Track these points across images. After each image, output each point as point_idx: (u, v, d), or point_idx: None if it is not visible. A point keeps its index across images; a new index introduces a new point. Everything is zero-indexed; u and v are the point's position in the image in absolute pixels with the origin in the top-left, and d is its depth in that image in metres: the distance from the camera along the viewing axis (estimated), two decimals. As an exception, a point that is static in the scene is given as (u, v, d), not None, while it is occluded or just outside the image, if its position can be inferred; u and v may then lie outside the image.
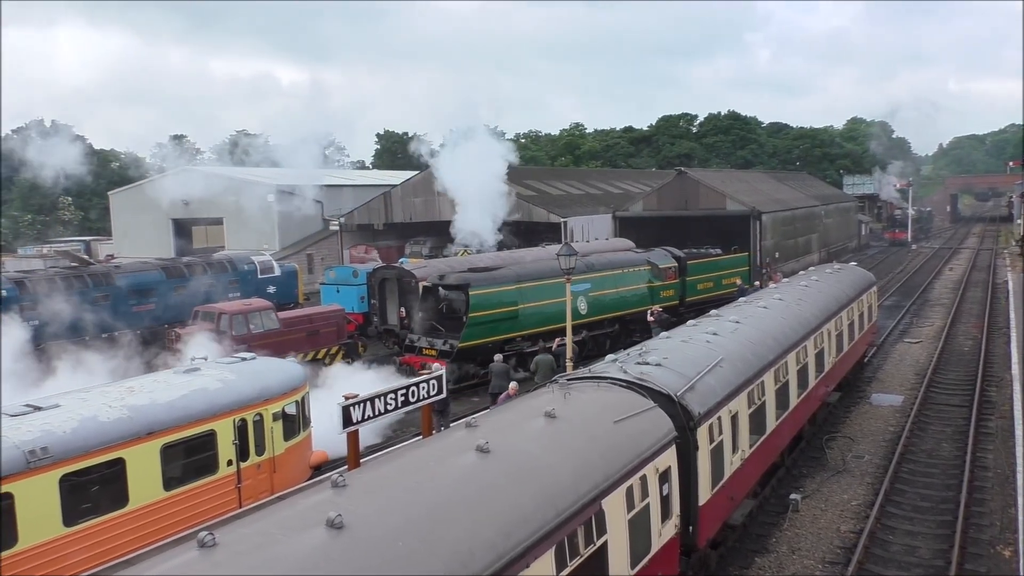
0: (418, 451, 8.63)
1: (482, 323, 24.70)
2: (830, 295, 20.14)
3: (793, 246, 52.62)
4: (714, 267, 34.79)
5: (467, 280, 25.23)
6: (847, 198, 79.48)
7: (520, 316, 25.82)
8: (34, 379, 18.07)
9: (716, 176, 55.90)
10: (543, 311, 26.41)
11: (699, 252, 36.43)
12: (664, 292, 31.02)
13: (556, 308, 26.48)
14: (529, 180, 55.81)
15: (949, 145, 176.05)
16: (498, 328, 25.22)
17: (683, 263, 32.49)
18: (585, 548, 7.94)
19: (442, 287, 25.63)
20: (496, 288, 25.41)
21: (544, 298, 26.46)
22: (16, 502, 10.02)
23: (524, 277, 26.43)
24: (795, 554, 13.32)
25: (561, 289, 26.82)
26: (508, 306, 25.57)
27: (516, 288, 25.88)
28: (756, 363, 13.53)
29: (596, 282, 28.37)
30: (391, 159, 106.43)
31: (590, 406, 9.97)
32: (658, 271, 30.99)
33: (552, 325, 26.23)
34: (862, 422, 20.27)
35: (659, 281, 30.89)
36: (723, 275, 34.80)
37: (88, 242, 62.78)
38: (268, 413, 13.56)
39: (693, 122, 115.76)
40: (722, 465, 11.70)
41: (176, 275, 31.63)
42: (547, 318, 26.34)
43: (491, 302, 25.11)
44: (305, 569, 5.74)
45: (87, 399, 11.77)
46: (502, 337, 25.30)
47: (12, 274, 30.55)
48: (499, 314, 25.24)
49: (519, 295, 25.90)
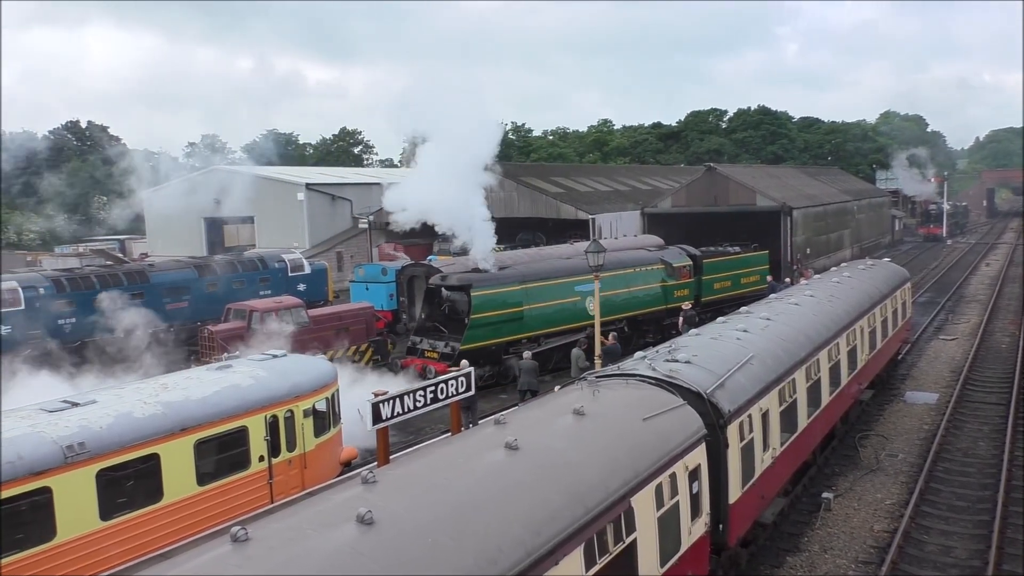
0: (447, 448, 8.66)
1: (485, 325, 23.93)
2: (863, 291, 19.86)
3: (825, 242, 52.00)
4: (732, 265, 33.39)
5: (469, 280, 24.42)
6: (880, 193, 78.35)
7: (525, 317, 25.09)
8: (70, 375, 18.44)
9: (746, 172, 55.39)
10: (550, 312, 25.70)
11: (716, 250, 35.10)
12: (678, 292, 30.05)
13: (563, 309, 26.08)
14: (557, 177, 55.72)
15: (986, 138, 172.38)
16: (502, 330, 24.45)
17: (698, 262, 31.39)
18: (614, 546, 7.92)
19: (444, 287, 24.89)
20: (500, 289, 24.66)
21: (551, 299, 25.76)
22: (54, 496, 10.22)
23: (530, 277, 25.65)
24: (827, 553, 13.17)
25: (568, 289, 26.54)
26: (512, 307, 24.82)
27: (521, 288, 25.14)
28: (787, 360, 13.39)
29: (605, 281, 26.85)
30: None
31: (619, 403, 9.94)
32: (672, 270, 30.01)
33: (559, 326, 25.58)
34: (896, 420, 19.99)
35: (673, 280, 29.90)
36: (741, 274, 33.52)
37: (122, 241, 63.78)
38: (299, 410, 13.69)
39: (722, 117, 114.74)
40: (752, 463, 11.60)
41: (208, 273, 32.06)
42: (554, 319, 25.71)
43: (495, 303, 24.35)
44: (336, 564, 5.80)
45: (122, 395, 11.97)
46: (506, 339, 24.58)
47: (49, 272, 31.14)
48: (503, 315, 24.47)
49: (524, 296, 25.14)
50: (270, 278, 33.52)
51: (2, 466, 9.73)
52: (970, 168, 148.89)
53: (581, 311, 26.48)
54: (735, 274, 33.25)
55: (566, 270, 26.87)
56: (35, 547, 10.05)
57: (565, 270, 26.86)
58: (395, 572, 5.87)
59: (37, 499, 10.09)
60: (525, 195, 49.04)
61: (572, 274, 26.61)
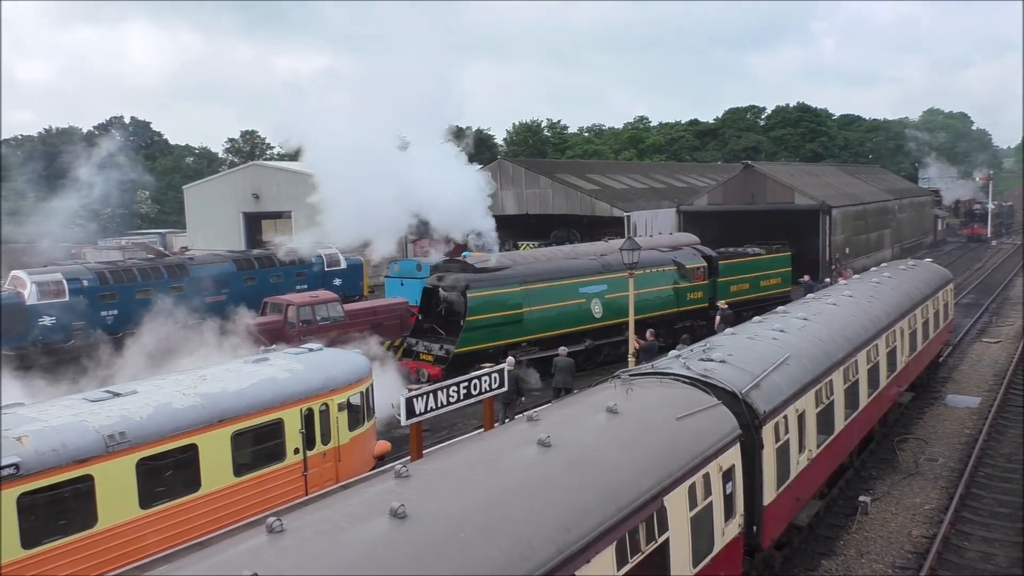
0: (480, 444, 8.69)
1: (481, 327, 23.03)
2: (903, 292, 19.52)
3: (864, 241, 51.17)
4: (750, 267, 31.72)
5: (466, 281, 23.66)
6: (922, 192, 76.86)
7: (526, 320, 24.15)
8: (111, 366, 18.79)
9: (784, 170, 54.69)
10: (552, 314, 24.74)
11: (734, 251, 33.89)
12: (692, 294, 28.84)
13: (567, 311, 25.08)
14: (592, 174, 55.56)
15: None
16: (500, 333, 23.54)
17: (714, 263, 29.96)
18: (646, 545, 7.89)
19: (442, 288, 24.10)
20: (498, 290, 23.77)
21: (553, 300, 24.81)
22: (96, 484, 10.45)
23: (531, 278, 24.68)
24: (863, 558, 12.98)
25: (572, 291, 25.52)
26: (511, 309, 23.88)
27: (522, 290, 24.20)
28: (824, 361, 13.21)
29: (613, 283, 26.19)
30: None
31: (653, 402, 9.89)
32: (685, 271, 28.65)
33: (562, 329, 24.66)
34: (936, 424, 19.61)
35: (686, 282, 28.54)
36: (761, 276, 31.78)
37: (164, 235, 64.97)
38: (334, 403, 13.82)
39: (760, 114, 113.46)
40: (788, 465, 11.47)
41: (246, 267, 32.51)
42: (557, 322, 24.77)
43: (492, 304, 23.48)
44: (369, 557, 5.85)
45: (162, 386, 12.19)
46: (505, 342, 23.57)
47: (93, 265, 31.82)
48: (501, 317, 23.56)
49: (525, 297, 24.20)
50: (306, 273, 33.90)
51: (45, 454, 9.98)
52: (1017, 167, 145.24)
53: (586, 313, 25.60)
54: (754, 276, 31.64)
55: (570, 271, 26.02)
56: (77, 533, 10.30)
57: (569, 271, 26.01)
58: (427, 566, 5.90)
59: (79, 487, 10.32)
60: (560, 192, 48.98)
61: (577, 275, 25.83)
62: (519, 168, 51.82)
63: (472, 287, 23.36)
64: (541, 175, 50.52)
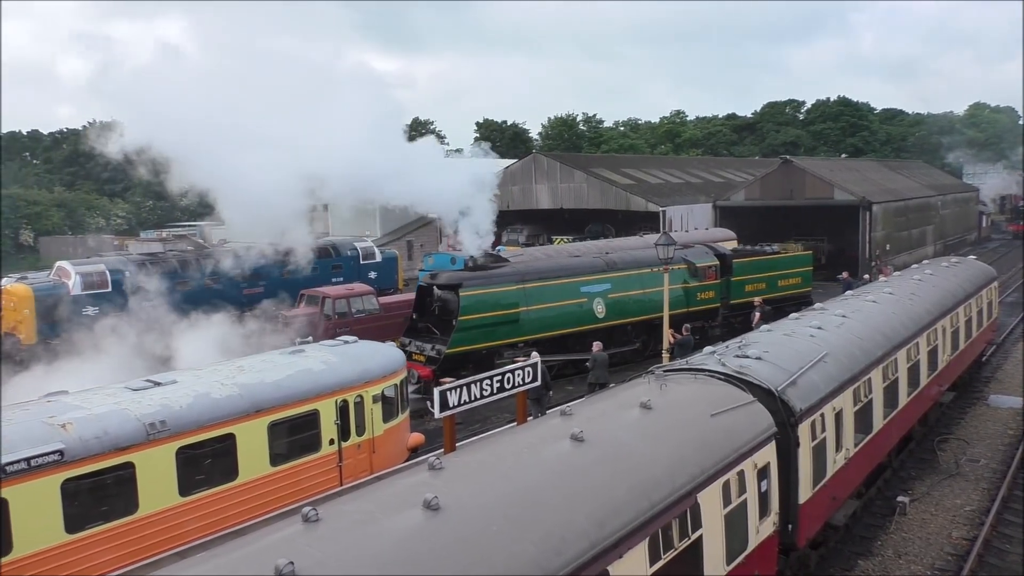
0: (513, 437, 8.71)
1: (474, 327, 22.16)
2: (945, 290, 19.15)
3: (906, 238, 50.22)
4: (767, 266, 30.29)
5: (459, 279, 22.94)
6: (967, 188, 75.18)
7: (522, 320, 23.27)
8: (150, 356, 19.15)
9: (823, 165, 53.86)
10: (551, 314, 23.87)
11: (749, 249, 32.79)
12: (702, 294, 27.66)
13: (567, 311, 24.26)
14: (628, 168, 55.26)
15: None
16: (495, 333, 22.70)
17: (727, 262, 28.71)
18: (679, 541, 7.85)
19: (436, 287, 23.39)
20: (493, 288, 22.96)
21: (552, 300, 23.94)
22: (137, 471, 10.67)
23: (528, 276, 23.88)
24: (901, 559, 12.78)
25: (573, 290, 24.52)
26: (507, 308, 23.02)
27: (519, 288, 23.35)
28: (863, 359, 13.02)
29: (617, 282, 25.50)
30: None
31: (687, 398, 9.83)
32: (695, 270, 27.43)
33: (562, 330, 23.99)
34: (978, 424, 19.23)
35: (696, 281, 27.32)
36: (779, 276, 30.35)
37: (203, 227, 65.92)
38: (368, 395, 13.95)
39: (800, 108, 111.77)
40: (824, 463, 11.33)
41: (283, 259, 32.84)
42: (556, 322, 23.99)
43: (486, 304, 22.64)
44: (403, 547, 5.91)
45: (201, 376, 12.39)
46: (500, 343, 22.80)
47: (134, 256, 32.43)
48: (496, 317, 22.72)
49: (522, 296, 23.35)
50: (342, 265, 34.17)
51: (89, 441, 10.22)
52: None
53: (587, 314, 24.72)
54: (771, 276, 30.20)
55: (570, 269, 25.27)
56: (119, 519, 10.53)
57: (569, 269, 25.26)
58: (460, 558, 5.94)
59: (121, 473, 10.55)
60: (595, 186, 48.79)
61: (578, 273, 25.02)
62: (554, 162, 51.71)
63: (465, 285, 22.55)
64: (576, 169, 50.37)
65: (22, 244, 71.10)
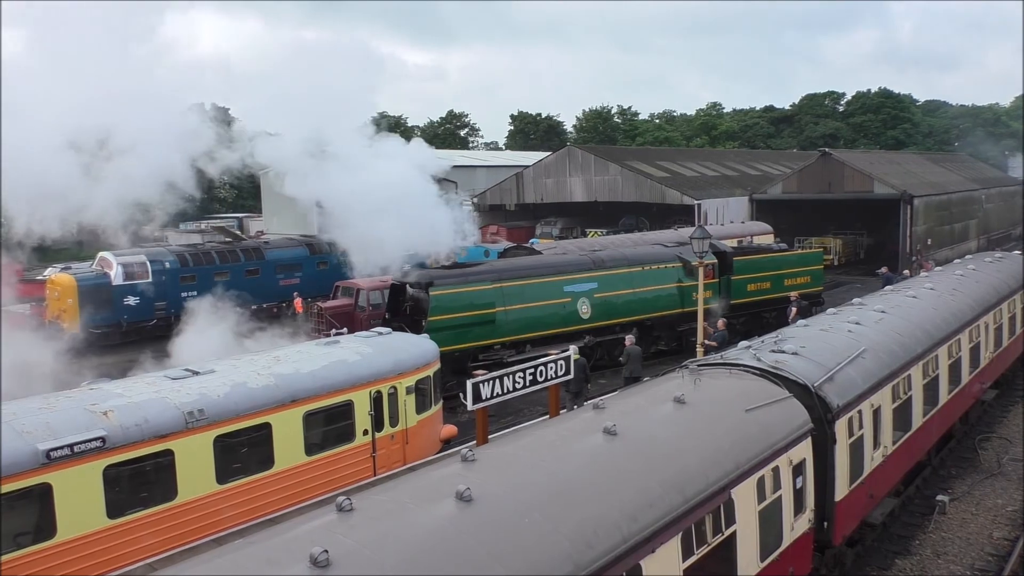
0: (545, 430, 8.71)
1: (445, 328, 20.91)
2: (989, 285, 18.74)
3: (948, 232, 49.17)
4: (771, 265, 28.63)
5: (430, 277, 21.83)
6: (1012, 181, 73.37)
7: (499, 321, 22.11)
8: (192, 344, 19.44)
9: (863, 158, 52.90)
10: (532, 315, 22.74)
11: (752, 247, 31.37)
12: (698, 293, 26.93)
13: (549, 311, 23.14)
14: (663, 161, 54.84)
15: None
16: (468, 334, 21.61)
17: (727, 260, 27.17)
18: (713, 537, 7.80)
19: (409, 285, 22.31)
20: (466, 287, 21.87)
21: (533, 300, 22.79)
22: (176, 459, 10.88)
23: (506, 275, 22.81)
24: (940, 559, 12.56)
25: (556, 289, 23.57)
26: (482, 309, 21.88)
27: (495, 288, 22.20)
28: (902, 355, 12.80)
29: (604, 281, 24.33)
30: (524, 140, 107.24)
31: (721, 393, 9.75)
32: (691, 268, 25.44)
33: (544, 331, 22.89)
34: (1021, 423, 18.81)
35: (691, 280, 25.08)
36: (785, 274, 28.61)
37: (241, 219, 66.78)
38: (402, 386, 14.05)
39: (839, 100, 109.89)
40: (861, 461, 11.17)
41: (319, 251, 33.22)
42: (537, 323, 22.86)
43: (459, 304, 21.57)
44: (435, 538, 5.95)
45: (238, 366, 12.58)
46: (475, 344, 21.79)
47: (174, 247, 33.00)
48: (469, 318, 21.62)
49: (498, 296, 22.19)
50: (377, 257, 34.38)
51: (129, 428, 10.43)
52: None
53: (572, 314, 23.55)
54: (776, 275, 28.51)
55: (553, 267, 24.22)
56: (158, 505, 10.74)
57: (551, 267, 24.21)
58: (492, 549, 5.97)
59: (160, 460, 10.76)
60: (630, 179, 48.50)
61: (561, 272, 23.91)
62: (588, 155, 51.49)
63: (436, 284, 21.47)
64: (611, 162, 50.11)
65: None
